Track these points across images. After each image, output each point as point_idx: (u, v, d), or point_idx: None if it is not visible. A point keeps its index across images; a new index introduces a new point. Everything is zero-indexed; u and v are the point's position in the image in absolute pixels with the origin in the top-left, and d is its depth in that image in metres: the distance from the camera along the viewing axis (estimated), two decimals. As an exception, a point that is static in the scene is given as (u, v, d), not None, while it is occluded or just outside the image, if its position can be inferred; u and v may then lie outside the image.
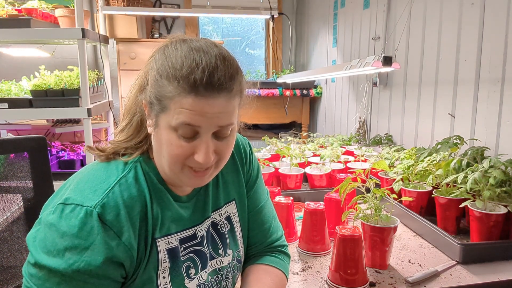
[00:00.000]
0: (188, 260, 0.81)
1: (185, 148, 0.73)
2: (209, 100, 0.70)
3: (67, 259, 0.66)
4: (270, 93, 3.50)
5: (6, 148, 1.14)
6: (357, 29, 2.85)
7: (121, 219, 0.70)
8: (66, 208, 0.69)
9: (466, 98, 1.75)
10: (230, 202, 0.92)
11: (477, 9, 1.67)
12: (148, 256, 0.75)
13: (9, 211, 1.18)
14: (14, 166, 1.17)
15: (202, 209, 0.86)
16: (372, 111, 2.66)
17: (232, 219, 0.92)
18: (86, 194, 0.71)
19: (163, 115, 0.72)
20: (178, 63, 0.71)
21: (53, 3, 2.54)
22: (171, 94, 0.70)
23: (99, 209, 0.69)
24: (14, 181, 1.16)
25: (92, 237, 0.68)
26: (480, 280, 1.01)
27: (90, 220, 0.68)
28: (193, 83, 0.69)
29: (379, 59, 1.68)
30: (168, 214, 0.79)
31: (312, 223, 1.15)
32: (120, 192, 0.72)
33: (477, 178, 1.17)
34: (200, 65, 0.70)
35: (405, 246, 1.20)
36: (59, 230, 0.68)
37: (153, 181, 0.78)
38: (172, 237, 0.80)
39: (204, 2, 4.00)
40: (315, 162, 1.77)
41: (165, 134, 0.73)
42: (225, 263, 0.88)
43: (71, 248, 0.67)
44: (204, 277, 0.84)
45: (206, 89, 0.69)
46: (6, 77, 2.71)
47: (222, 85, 0.70)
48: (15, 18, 2.27)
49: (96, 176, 0.75)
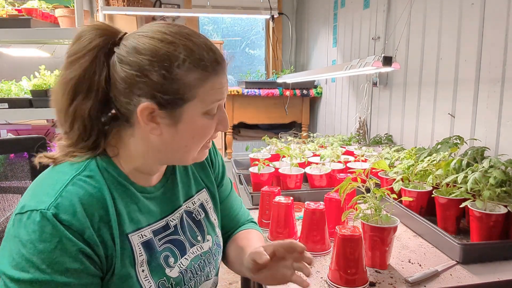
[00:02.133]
0: (165, 250, 0.81)
1: (213, 125, 0.78)
2: (223, 75, 0.77)
3: (39, 265, 0.64)
4: (270, 93, 3.50)
5: (6, 148, 1.14)
6: (357, 29, 2.85)
7: (78, 217, 0.68)
8: (23, 217, 0.67)
9: (466, 98, 1.75)
10: (201, 191, 0.96)
11: (477, 9, 1.67)
12: (121, 253, 0.73)
13: (9, 211, 1.18)
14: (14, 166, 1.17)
15: (171, 199, 0.87)
16: (372, 111, 2.66)
17: (206, 206, 0.95)
18: (39, 198, 0.68)
19: (186, 106, 0.73)
20: (182, 52, 0.71)
21: (53, 3, 2.54)
22: (193, 80, 0.72)
23: (53, 210, 0.66)
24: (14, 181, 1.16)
25: (55, 238, 0.65)
26: (480, 280, 1.00)
27: (47, 223, 0.65)
28: (210, 64, 0.74)
29: (379, 59, 1.68)
30: (134, 208, 0.78)
31: (312, 223, 1.15)
32: (74, 190, 0.69)
33: (477, 178, 1.17)
34: (201, 47, 0.74)
35: (405, 246, 1.20)
36: (22, 240, 0.66)
37: (113, 176, 0.76)
38: (144, 230, 0.79)
39: (204, 2, 4.00)
40: (315, 162, 1.77)
41: (196, 124, 0.75)
42: (205, 249, 0.90)
43: (39, 253, 0.65)
44: (185, 263, 0.84)
45: (219, 65, 0.76)
46: (6, 77, 2.71)
47: (223, 59, 0.78)
48: (15, 18, 2.27)
49: (48, 178, 0.73)
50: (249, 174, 1.70)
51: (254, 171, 1.65)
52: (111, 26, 0.75)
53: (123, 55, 0.72)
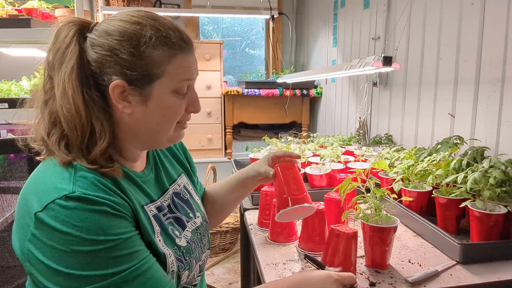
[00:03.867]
0: (170, 225, 0.87)
1: (183, 105, 0.80)
2: (191, 55, 0.80)
3: (95, 238, 0.65)
4: (270, 93, 3.50)
5: (6, 148, 1.14)
6: (357, 29, 2.85)
7: (102, 191, 0.70)
8: (48, 212, 0.66)
9: (466, 98, 1.75)
10: (180, 175, 1.04)
11: (477, 9, 1.67)
12: (142, 222, 0.77)
13: (8, 211, 1.18)
14: (13, 166, 1.17)
15: (159, 183, 0.93)
16: (372, 111, 2.66)
17: (188, 188, 1.04)
18: (53, 190, 0.68)
19: (155, 83, 0.76)
20: (149, 31, 0.75)
21: (53, 3, 2.54)
22: (161, 56, 0.75)
23: (78, 191, 0.67)
24: (14, 181, 1.16)
25: (92, 211, 0.66)
26: (480, 280, 1.00)
27: (76, 202, 0.66)
28: (177, 42, 0.77)
29: (379, 59, 1.68)
30: (135, 188, 0.83)
31: (312, 223, 1.15)
32: (85, 174, 0.71)
33: (477, 178, 1.17)
34: (166, 27, 0.78)
35: (405, 246, 1.20)
36: (62, 230, 0.65)
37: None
38: (150, 205, 0.84)
39: (204, 2, 4.00)
40: (315, 162, 1.77)
41: (164, 102, 0.77)
42: (198, 223, 0.99)
43: (87, 231, 0.65)
44: (188, 235, 0.91)
45: (186, 45, 0.79)
46: (6, 77, 2.71)
47: (190, 39, 0.81)
48: (15, 18, 2.27)
49: (49, 173, 0.73)
50: (249, 174, 1.70)
51: (254, 171, 1.65)
52: (85, 19, 0.81)
53: (94, 39, 0.76)
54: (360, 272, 1.04)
